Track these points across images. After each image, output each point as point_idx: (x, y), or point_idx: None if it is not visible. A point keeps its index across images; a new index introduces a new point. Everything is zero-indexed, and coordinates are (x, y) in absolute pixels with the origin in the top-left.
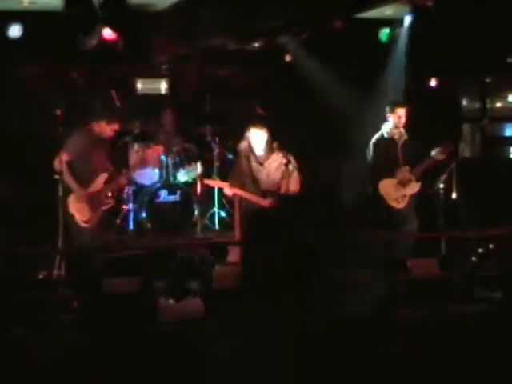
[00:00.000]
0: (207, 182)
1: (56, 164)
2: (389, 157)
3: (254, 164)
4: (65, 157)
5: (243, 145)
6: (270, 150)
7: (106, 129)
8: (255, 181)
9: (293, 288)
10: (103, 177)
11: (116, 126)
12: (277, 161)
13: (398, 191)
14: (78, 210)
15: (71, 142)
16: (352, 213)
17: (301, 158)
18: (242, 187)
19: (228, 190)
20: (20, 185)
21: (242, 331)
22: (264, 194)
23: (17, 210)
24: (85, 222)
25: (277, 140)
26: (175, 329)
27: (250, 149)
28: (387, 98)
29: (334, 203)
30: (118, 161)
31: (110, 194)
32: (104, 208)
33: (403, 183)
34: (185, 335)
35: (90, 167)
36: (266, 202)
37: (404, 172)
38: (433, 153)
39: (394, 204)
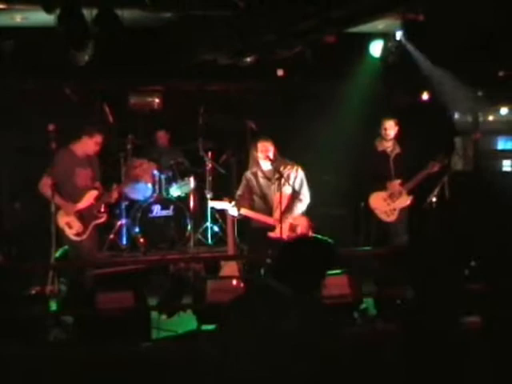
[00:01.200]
0: (212, 203)
1: (41, 187)
2: (379, 170)
3: (261, 180)
4: (49, 180)
5: (251, 160)
6: (276, 164)
7: (89, 144)
8: (264, 197)
9: None
10: (93, 193)
11: (99, 139)
12: (285, 174)
13: (388, 205)
14: (68, 224)
15: (53, 165)
16: None
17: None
18: (251, 206)
19: (234, 211)
20: (13, 200)
21: (237, 345)
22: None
23: (9, 225)
24: (75, 235)
25: (283, 153)
26: (168, 343)
27: (257, 164)
28: (378, 112)
29: None
30: (111, 176)
31: (102, 209)
32: (96, 222)
33: (394, 196)
34: (178, 350)
35: (76, 186)
36: (273, 220)
37: (395, 185)
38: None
39: (384, 217)
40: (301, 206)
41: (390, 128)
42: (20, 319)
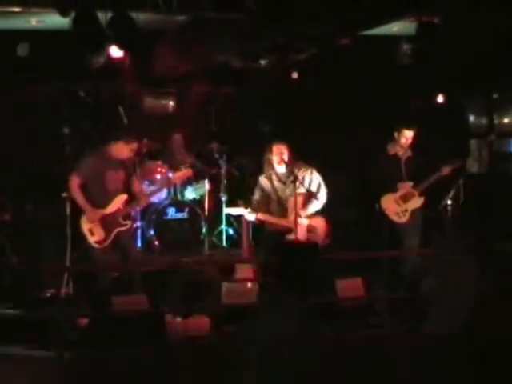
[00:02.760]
0: (228, 210)
1: (69, 186)
2: (391, 172)
3: (276, 183)
4: (77, 179)
5: (265, 163)
6: (291, 167)
7: (124, 149)
8: (279, 200)
9: None
10: (121, 198)
11: (134, 146)
12: (299, 177)
13: (399, 206)
14: (90, 230)
15: (84, 164)
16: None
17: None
18: (267, 210)
19: (251, 216)
20: (28, 202)
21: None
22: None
23: (25, 228)
24: (96, 242)
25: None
26: (183, 346)
27: (272, 167)
28: (395, 116)
29: None
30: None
31: (127, 215)
32: (120, 230)
33: (405, 198)
34: (192, 352)
35: (106, 189)
36: (289, 224)
37: (406, 187)
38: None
39: (395, 219)
40: (317, 205)
41: (411, 138)
42: (35, 321)
